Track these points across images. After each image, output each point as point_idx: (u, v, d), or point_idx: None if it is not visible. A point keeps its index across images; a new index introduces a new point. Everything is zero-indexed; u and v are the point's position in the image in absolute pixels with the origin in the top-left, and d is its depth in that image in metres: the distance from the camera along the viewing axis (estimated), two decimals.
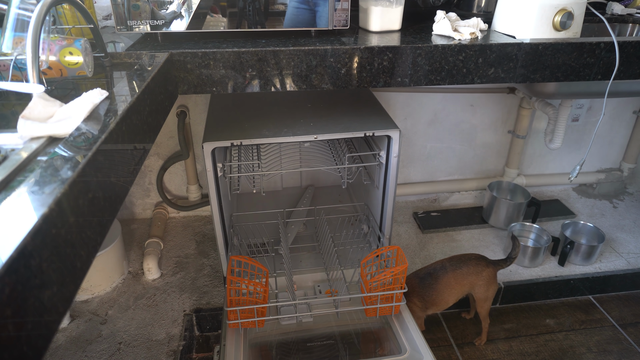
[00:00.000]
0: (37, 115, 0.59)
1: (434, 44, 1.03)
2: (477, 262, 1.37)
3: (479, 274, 1.36)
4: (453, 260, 1.37)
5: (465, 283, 1.35)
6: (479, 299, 1.39)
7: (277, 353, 1.18)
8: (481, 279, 1.36)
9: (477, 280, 1.36)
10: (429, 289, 1.33)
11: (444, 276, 1.34)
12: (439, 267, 1.36)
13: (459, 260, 1.37)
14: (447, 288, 1.34)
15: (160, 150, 1.78)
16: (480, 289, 1.37)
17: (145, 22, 1.01)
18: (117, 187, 0.59)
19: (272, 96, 1.46)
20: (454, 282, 1.34)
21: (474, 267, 1.36)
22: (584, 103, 1.95)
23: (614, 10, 1.52)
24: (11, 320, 0.34)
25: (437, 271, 1.35)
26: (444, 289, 1.34)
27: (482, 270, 1.36)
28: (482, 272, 1.36)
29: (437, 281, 1.34)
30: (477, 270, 1.36)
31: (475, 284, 1.36)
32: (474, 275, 1.35)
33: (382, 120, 1.27)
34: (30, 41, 0.64)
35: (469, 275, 1.35)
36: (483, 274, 1.36)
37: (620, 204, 2.09)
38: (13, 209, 0.41)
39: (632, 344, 1.49)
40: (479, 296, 1.38)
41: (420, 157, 1.99)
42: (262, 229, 1.53)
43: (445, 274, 1.34)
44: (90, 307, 1.46)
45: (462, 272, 1.35)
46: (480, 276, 1.36)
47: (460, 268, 1.35)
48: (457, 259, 1.38)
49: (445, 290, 1.34)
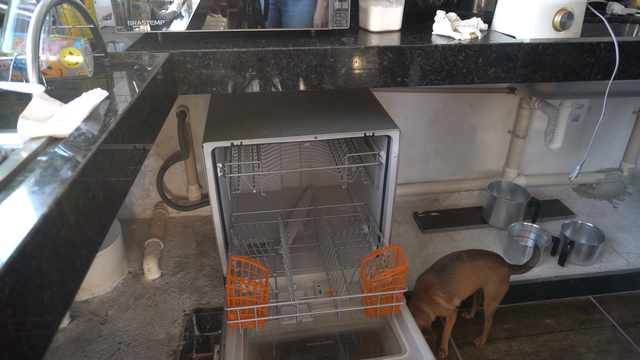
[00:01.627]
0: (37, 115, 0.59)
1: (434, 44, 1.03)
2: (494, 258, 1.38)
3: (495, 270, 1.37)
4: (470, 253, 1.39)
5: (481, 276, 1.36)
6: (489, 297, 1.39)
7: (277, 353, 1.18)
8: (496, 276, 1.37)
9: (492, 276, 1.37)
10: (448, 279, 1.34)
11: (461, 266, 1.35)
12: (455, 257, 1.37)
13: (476, 253, 1.38)
14: (465, 278, 1.35)
15: (160, 150, 1.78)
16: (493, 285, 1.38)
17: (145, 22, 1.01)
18: (117, 187, 0.59)
19: (272, 96, 1.46)
20: (470, 273, 1.35)
21: (491, 262, 1.37)
22: (584, 103, 1.95)
23: (614, 10, 1.52)
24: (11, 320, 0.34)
25: (454, 262, 1.36)
26: (461, 278, 1.35)
27: (499, 267, 1.38)
28: (498, 270, 1.37)
29: (455, 271, 1.35)
30: (494, 266, 1.37)
31: (490, 279, 1.37)
32: (490, 270, 1.36)
33: (382, 120, 1.27)
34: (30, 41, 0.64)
35: (485, 269, 1.36)
36: (499, 271, 1.37)
37: (620, 204, 2.09)
38: (13, 209, 0.41)
39: (632, 344, 1.49)
40: (489, 293, 1.39)
41: (420, 157, 1.99)
42: (262, 229, 1.53)
43: (462, 264, 1.35)
44: (90, 307, 1.46)
45: (479, 265, 1.36)
46: (496, 273, 1.37)
47: (478, 260, 1.36)
48: (475, 252, 1.39)
49: (463, 280, 1.35)
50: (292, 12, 1.06)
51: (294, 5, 1.05)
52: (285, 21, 1.07)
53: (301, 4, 1.05)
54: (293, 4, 1.05)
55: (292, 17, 1.06)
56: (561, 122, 1.70)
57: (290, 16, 1.06)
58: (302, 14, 1.06)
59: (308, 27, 1.09)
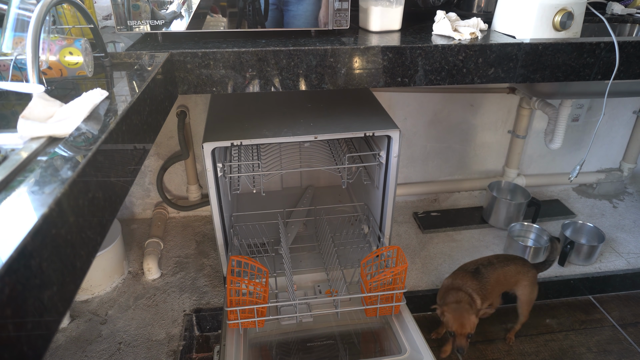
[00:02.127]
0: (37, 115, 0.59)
1: (434, 44, 1.03)
2: (523, 262, 1.39)
3: (525, 274, 1.38)
4: (499, 258, 1.39)
5: (512, 281, 1.37)
6: (523, 302, 1.41)
7: (277, 353, 1.18)
8: (527, 279, 1.38)
9: (523, 280, 1.38)
10: (484, 282, 1.34)
11: (494, 272, 1.35)
12: (485, 262, 1.38)
13: (504, 259, 1.39)
14: (498, 284, 1.36)
15: (160, 150, 1.78)
16: (526, 289, 1.39)
17: (145, 22, 1.01)
18: (117, 187, 0.59)
19: (272, 96, 1.46)
20: (502, 279, 1.36)
21: (520, 266, 1.38)
22: (584, 103, 1.95)
23: (614, 10, 1.52)
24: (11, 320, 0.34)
25: (486, 266, 1.36)
26: (495, 283, 1.35)
27: (528, 270, 1.39)
28: (528, 273, 1.38)
29: (489, 276, 1.35)
30: (524, 270, 1.38)
31: (521, 283, 1.38)
32: (521, 274, 1.37)
33: (382, 120, 1.27)
34: (30, 41, 0.64)
35: (517, 274, 1.37)
36: (529, 274, 1.38)
37: (620, 204, 2.09)
38: (13, 209, 0.41)
39: (632, 344, 1.49)
40: (523, 298, 1.40)
41: (420, 157, 1.99)
42: (262, 229, 1.53)
43: (494, 270, 1.35)
44: (90, 307, 1.46)
45: (510, 270, 1.37)
46: (527, 276, 1.38)
47: (508, 265, 1.37)
48: (503, 257, 1.40)
49: (496, 286, 1.36)
50: (293, 12, 1.06)
51: (294, 5, 1.05)
52: (286, 21, 1.07)
53: (302, 4, 1.05)
54: (294, 4, 1.05)
55: (293, 17, 1.06)
56: (561, 122, 1.70)
57: (290, 16, 1.06)
58: (303, 13, 1.06)
59: (308, 27, 1.09)
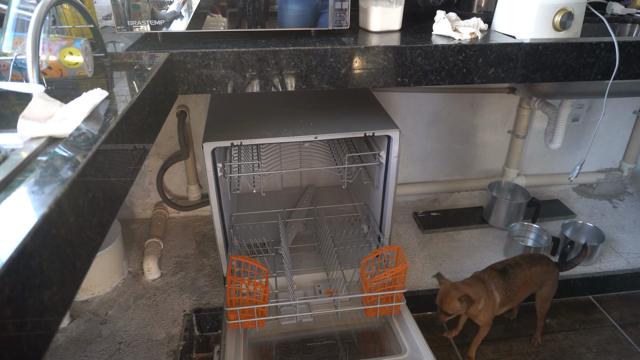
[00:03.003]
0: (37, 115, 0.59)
1: (434, 44, 1.03)
2: (547, 261, 1.39)
3: (550, 274, 1.38)
4: (525, 258, 1.38)
5: (538, 282, 1.37)
6: (543, 299, 1.41)
7: (277, 353, 1.18)
8: (551, 279, 1.38)
9: (548, 279, 1.38)
10: (511, 283, 1.33)
11: (522, 273, 1.34)
12: (513, 263, 1.37)
13: (530, 259, 1.38)
14: (525, 285, 1.35)
15: (160, 150, 1.78)
16: (548, 288, 1.39)
17: (145, 22, 1.01)
18: (117, 187, 0.59)
19: (272, 96, 1.46)
20: (529, 280, 1.35)
21: (545, 266, 1.37)
22: (584, 103, 1.95)
23: (614, 10, 1.52)
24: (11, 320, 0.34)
25: (513, 267, 1.35)
26: (522, 285, 1.34)
27: (553, 270, 1.38)
28: (553, 272, 1.38)
29: (516, 277, 1.33)
30: (549, 269, 1.38)
31: (545, 283, 1.38)
32: (546, 274, 1.37)
33: (382, 120, 1.27)
34: (30, 41, 0.64)
35: (543, 274, 1.37)
36: (553, 274, 1.38)
37: (620, 204, 2.09)
38: (13, 209, 0.41)
39: (632, 344, 1.49)
40: (544, 296, 1.40)
41: (420, 157, 1.99)
42: (262, 229, 1.53)
43: (522, 271, 1.34)
44: (90, 307, 1.46)
45: (537, 271, 1.36)
46: (551, 276, 1.38)
47: (535, 266, 1.36)
48: (529, 257, 1.39)
49: (523, 287, 1.35)
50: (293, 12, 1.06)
51: (294, 5, 1.05)
52: (286, 21, 1.07)
53: (303, 4, 1.05)
54: (294, 4, 1.05)
55: (293, 17, 1.06)
56: (561, 122, 1.70)
57: (290, 16, 1.06)
58: (303, 13, 1.06)
59: (308, 27, 1.09)
